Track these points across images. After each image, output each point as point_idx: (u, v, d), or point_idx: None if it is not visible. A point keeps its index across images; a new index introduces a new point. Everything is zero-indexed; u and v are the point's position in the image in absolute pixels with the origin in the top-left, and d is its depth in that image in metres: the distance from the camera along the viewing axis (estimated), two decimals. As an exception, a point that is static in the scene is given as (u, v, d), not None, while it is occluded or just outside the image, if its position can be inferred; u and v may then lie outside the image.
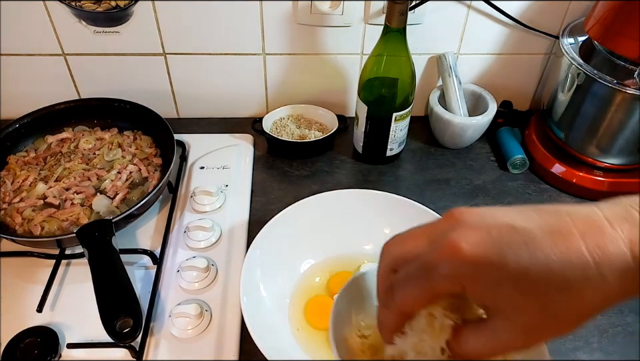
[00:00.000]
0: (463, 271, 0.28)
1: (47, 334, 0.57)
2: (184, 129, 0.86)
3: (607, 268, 0.26)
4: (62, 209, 0.67)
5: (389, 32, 0.67)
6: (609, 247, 0.26)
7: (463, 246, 0.28)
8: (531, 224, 0.28)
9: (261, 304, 0.58)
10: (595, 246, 0.27)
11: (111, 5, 0.74)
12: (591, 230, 0.27)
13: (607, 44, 0.68)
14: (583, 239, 0.27)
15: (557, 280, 0.27)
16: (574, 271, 0.26)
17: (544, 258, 0.27)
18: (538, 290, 0.27)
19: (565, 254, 0.27)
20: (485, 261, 0.27)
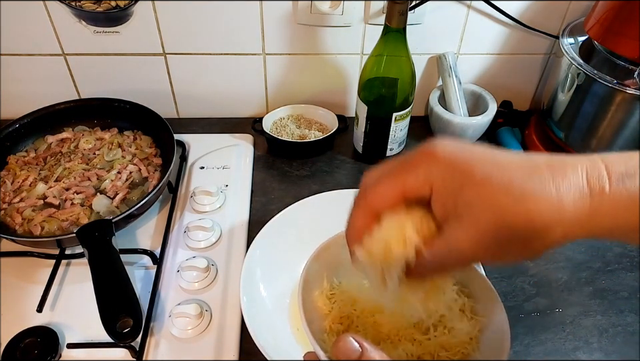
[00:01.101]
0: (435, 170, 0.31)
1: (47, 334, 0.57)
2: (184, 129, 0.86)
3: (563, 187, 0.28)
4: (62, 209, 0.67)
5: (388, 32, 0.67)
6: (568, 171, 0.29)
7: (438, 150, 0.31)
8: (504, 153, 0.31)
9: (260, 304, 0.58)
10: (557, 175, 0.29)
11: (110, 5, 0.74)
12: (556, 163, 0.29)
13: (606, 44, 0.68)
14: (547, 168, 0.29)
15: (516, 191, 0.28)
16: (533, 184, 0.28)
17: (507, 172, 0.29)
18: (497, 197, 0.28)
19: (526, 170, 0.29)
20: (455, 165, 0.30)
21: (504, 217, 0.28)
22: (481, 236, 0.29)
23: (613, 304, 0.64)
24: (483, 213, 0.29)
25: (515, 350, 0.59)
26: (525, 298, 0.64)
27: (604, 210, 0.28)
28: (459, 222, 0.30)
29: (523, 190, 0.28)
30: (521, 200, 0.28)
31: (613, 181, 0.28)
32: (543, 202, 0.28)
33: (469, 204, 0.29)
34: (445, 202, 0.31)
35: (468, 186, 0.29)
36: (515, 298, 0.64)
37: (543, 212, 0.28)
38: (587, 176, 0.29)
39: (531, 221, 0.28)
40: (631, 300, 0.64)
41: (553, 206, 0.28)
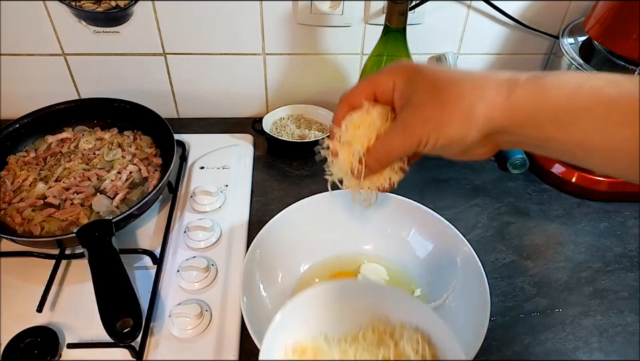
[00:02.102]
0: (397, 70, 0.41)
1: (47, 334, 0.57)
2: (184, 129, 0.86)
3: (490, 79, 0.36)
4: (62, 209, 0.67)
5: (388, 32, 0.67)
6: (498, 73, 0.37)
7: (401, 62, 0.42)
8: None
9: (261, 304, 0.58)
10: (490, 72, 0.37)
11: (110, 5, 0.74)
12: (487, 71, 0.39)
13: (606, 44, 0.68)
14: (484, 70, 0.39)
15: (452, 77, 0.38)
16: (467, 75, 0.38)
17: (450, 71, 0.40)
18: (438, 81, 0.38)
19: (463, 71, 0.39)
20: (412, 67, 0.40)
21: (440, 96, 0.37)
22: (425, 114, 0.38)
23: (612, 304, 0.64)
24: (425, 94, 0.37)
25: (514, 349, 0.59)
26: (525, 298, 0.64)
27: (517, 95, 0.35)
28: (410, 105, 0.39)
29: (457, 78, 0.37)
30: (454, 82, 0.37)
31: (525, 78, 0.35)
32: (470, 84, 0.36)
33: (416, 88, 0.38)
34: (401, 92, 0.40)
35: (417, 77, 0.39)
36: (515, 298, 0.64)
37: (469, 92, 0.36)
38: (509, 75, 0.36)
39: (461, 97, 0.36)
40: (630, 300, 0.64)
41: (478, 88, 0.36)
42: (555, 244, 0.71)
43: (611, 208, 0.76)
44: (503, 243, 0.71)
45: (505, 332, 0.61)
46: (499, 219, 0.74)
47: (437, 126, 0.37)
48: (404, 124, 0.39)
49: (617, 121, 0.31)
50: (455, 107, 0.36)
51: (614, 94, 0.32)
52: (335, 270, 0.64)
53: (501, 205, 0.76)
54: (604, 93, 0.32)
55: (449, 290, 0.60)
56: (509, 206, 0.76)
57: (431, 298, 0.61)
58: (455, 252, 0.61)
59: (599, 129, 0.32)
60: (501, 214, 0.75)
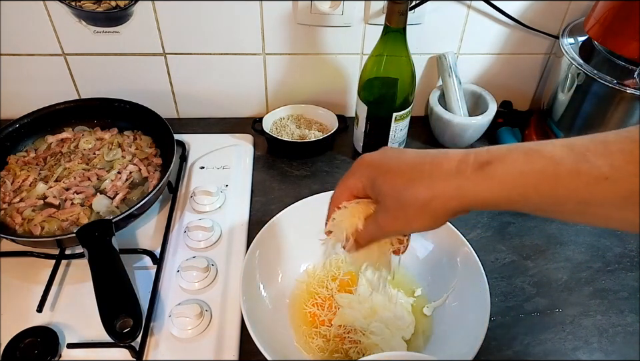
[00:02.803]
0: (363, 170, 0.44)
1: (47, 334, 0.57)
2: (184, 129, 0.86)
3: (437, 173, 0.39)
4: (62, 209, 0.67)
5: (388, 32, 0.67)
6: (444, 162, 0.39)
7: (364, 158, 0.44)
8: (410, 151, 0.42)
9: (261, 304, 0.58)
10: (436, 161, 0.39)
11: (110, 5, 0.74)
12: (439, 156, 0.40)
13: (606, 44, 0.68)
14: (431, 157, 0.40)
15: (407, 176, 0.40)
16: (418, 173, 0.39)
17: (403, 165, 0.41)
18: (395, 183, 0.40)
19: (416, 164, 0.40)
20: (372, 165, 0.43)
21: (401, 198, 0.40)
22: (392, 214, 0.41)
23: (612, 304, 0.64)
24: (389, 197, 0.41)
25: (514, 349, 0.59)
26: (525, 298, 0.64)
27: (468, 188, 0.37)
28: (380, 205, 0.42)
29: (412, 178, 0.39)
30: (410, 183, 0.39)
31: (474, 167, 0.37)
32: (422, 183, 0.39)
33: (381, 191, 0.41)
34: (371, 192, 0.43)
35: (380, 178, 0.42)
36: (515, 298, 0.64)
37: (423, 192, 0.39)
38: (457, 164, 0.38)
39: (417, 198, 0.39)
40: (630, 300, 0.64)
41: (430, 187, 0.39)
42: (555, 244, 0.71)
43: (610, 208, 0.76)
44: (503, 243, 0.71)
45: (505, 332, 0.61)
46: (499, 219, 0.74)
47: (405, 224, 0.41)
48: (378, 223, 0.43)
49: (562, 194, 0.34)
50: (414, 208, 0.39)
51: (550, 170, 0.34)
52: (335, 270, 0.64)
53: (500, 205, 0.76)
54: (551, 174, 0.34)
55: (449, 290, 0.60)
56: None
57: (431, 298, 0.62)
58: (454, 252, 0.61)
59: (550, 203, 0.35)
60: (501, 214, 0.75)
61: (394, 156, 0.43)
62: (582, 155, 0.33)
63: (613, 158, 0.32)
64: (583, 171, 0.33)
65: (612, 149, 0.32)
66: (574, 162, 0.33)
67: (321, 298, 0.61)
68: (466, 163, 0.38)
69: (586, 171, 0.33)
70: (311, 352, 0.57)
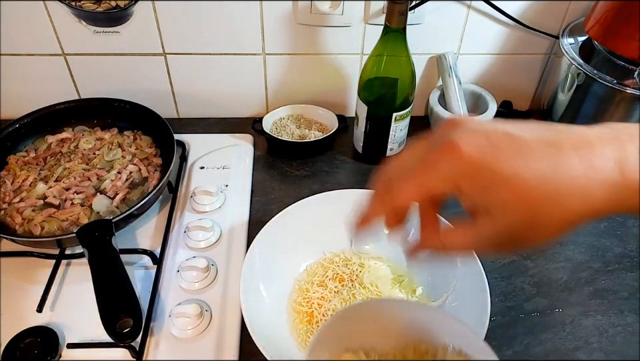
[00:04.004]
0: (460, 170, 0.30)
1: (47, 334, 0.57)
2: (184, 129, 0.86)
3: (594, 181, 0.28)
4: (62, 209, 0.67)
5: (388, 32, 0.67)
6: (598, 162, 0.28)
7: (462, 147, 0.29)
8: (527, 134, 0.29)
9: (261, 304, 0.58)
10: (585, 160, 0.28)
11: (110, 5, 0.74)
12: (582, 145, 0.29)
13: (606, 44, 0.68)
14: (574, 152, 0.28)
15: (547, 188, 0.28)
16: (564, 182, 0.28)
17: (537, 167, 0.28)
18: (529, 194, 0.28)
19: (556, 166, 0.28)
20: (482, 163, 0.29)
21: (537, 214, 0.29)
22: (513, 232, 0.30)
23: (612, 304, 0.64)
24: (515, 211, 0.29)
25: (514, 349, 0.59)
26: (525, 298, 0.64)
27: (631, 193, 0.28)
28: (490, 217, 0.30)
29: (557, 187, 0.28)
30: (555, 195, 0.28)
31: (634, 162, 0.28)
32: (574, 195, 0.28)
33: (500, 204, 0.29)
34: (473, 200, 0.31)
35: (497, 185, 0.29)
36: (515, 298, 0.64)
37: (575, 206, 0.28)
38: (618, 164, 0.28)
39: (566, 217, 0.29)
40: (630, 300, 0.64)
41: (585, 199, 0.28)
42: (555, 244, 0.71)
43: (611, 208, 0.76)
44: (503, 243, 0.71)
45: (505, 332, 0.61)
46: (499, 219, 0.74)
47: (531, 243, 0.31)
48: (484, 236, 0.31)
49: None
50: (554, 226, 0.29)
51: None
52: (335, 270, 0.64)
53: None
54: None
55: (449, 290, 0.60)
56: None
57: (431, 298, 0.62)
58: (455, 252, 0.61)
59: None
60: (501, 214, 0.75)
61: (507, 146, 0.29)
62: None
63: None
64: None
65: None
66: None
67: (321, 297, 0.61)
68: (626, 159, 0.28)
69: None
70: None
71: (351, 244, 0.43)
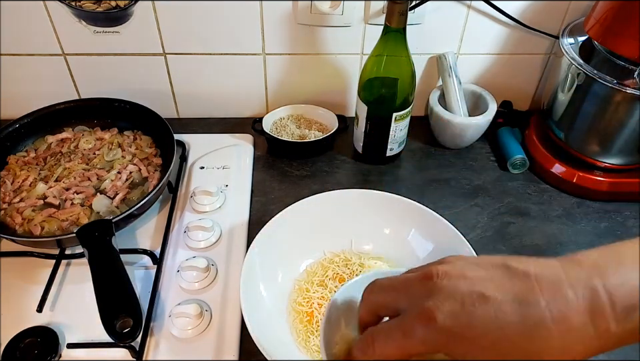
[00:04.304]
0: (436, 338, 0.30)
1: (47, 334, 0.57)
2: (184, 129, 0.86)
3: (569, 337, 0.28)
4: (62, 209, 0.67)
5: (388, 32, 0.67)
6: (573, 318, 0.28)
7: (437, 316, 0.30)
8: (502, 293, 0.30)
9: (261, 304, 0.58)
10: (559, 317, 0.28)
11: (110, 5, 0.74)
12: (555, 297, 0.29)
13: (606, 44, 0.68)
14: (548, 308, 0.29)
15: (522, 349, 0.29)
16: (539, 342, 0.29)
17: (512, 330, 0.29)
18: (505, 357, 0.29)
19: (531, 327, 0.29)
20: (457, 331, 0.30)
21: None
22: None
23: (613, 304, 0.64)
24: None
25: (515, 350, 0.59)
26: (525, 298, 0.64)
27: (610, 343, 0.29)
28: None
29: (530, 348, 0.29)
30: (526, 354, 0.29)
31: (619, 316, 0.28)
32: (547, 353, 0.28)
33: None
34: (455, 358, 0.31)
35: (474, 350, 0.30)
36: (515, 298, 0.64)
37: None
38: (590, 316, 0.28)
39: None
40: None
41: (563, 352, 0.29)
42: (555, 244, 0.71)
43: (610, 208, 0.76)
44: (503, 243, 0.71)
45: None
46: (499, 219, 0.74)
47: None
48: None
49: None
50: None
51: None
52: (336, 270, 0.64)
53: (500, 205, 0.76)
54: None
55: (449, 290, 0.60)
56: (509, 206, 0.76)
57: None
58: (455, 252, 0.61)
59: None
60: (501, 214, 0.75)
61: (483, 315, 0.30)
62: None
63: None
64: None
65: None
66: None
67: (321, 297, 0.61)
68: (602, 312, 0.28)
69: None
70: (311, 352, 0.57)
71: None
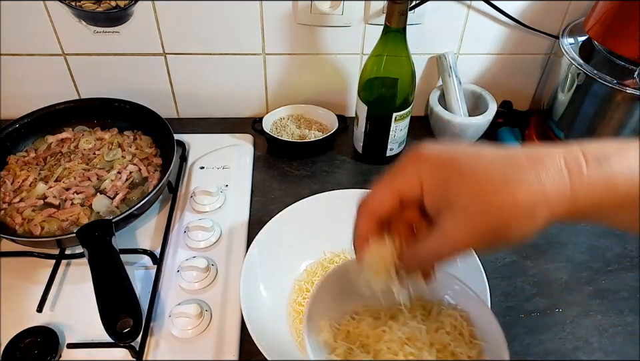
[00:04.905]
0: (423, 166, 0.34)
1: (47, 334, 0.57)
2: (184, 129, 0.86)
3: (543, 172, 0.30)
4: (62, 209, 0.67)
5: (388, 32, 0.67)
6: (546, 159, 0.31)
7: (423, 151, 0.34)
8: (484, 149, 0.34)
9: (261, 304, 0.58)
10: (533, 159, 0.31)
11: (110, 5, 0.74)
12: (532, 153, 0.32)
13: (606, 44, 0.68)
14: (524, 152, 0.32)
15: (499, 178, 0.31)
16: (514, 172, 0.31)
17: (490, 163, 0.32)
18: (483, 185, 0.31)
19: (507, 160, 0.32)
20: (440, 161, 0.33)
21: (491, 202, 0.31)
22: (472, 223, 0.32)
23: (613, 304, 0.64)
24: (471, 201, 0.31)
25: (514, 350, 0.59)
26: (525, 298, 0.64)
27: (583, 189, 0.30)
28: (450, 212, 0.32)
29: (506, 177, 0.31)
30: (505, 185, 0.30)
31: (589, 162, 0.30)
32: (525, 185, 0.30)
33: (457, 194, 0.32)
34: (436, 196, 0.34)
35: (454, 177, 0.32)
36: (515, 298, 0.64)
37: (526, 194, 0.30)
38: (564, 161, 0.31)
39: (516, 203, 0.30)
40: (630, 300, 0.64)
41: (535, 188, 0.30)
42: (555, 244, 0.71)
43: (611, 208, 0.76)
44: (503, 243, 0.71)
45: (505, 332, 0.60)
46: (499, 219, 0.74)
47: (490, 238, 0.32)
48: (448, 235, 0.33)
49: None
50: (511, 215, 0.30)
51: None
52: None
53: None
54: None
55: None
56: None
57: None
58: (454, 252, 0.61)
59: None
60: (501, 214, 0.75)
61: (468, 151, 0.33)
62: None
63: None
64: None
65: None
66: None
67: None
68: (575, 158, 0.31)
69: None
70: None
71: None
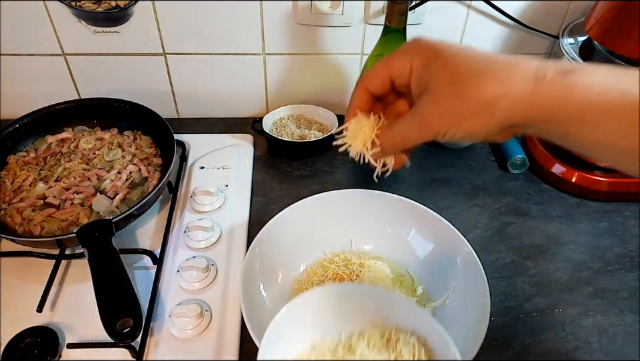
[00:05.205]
0: (415, 53, 0.39)
1: (47, 334, 0.57)
2: (184, 129, 0.86)
3: (514, 72, 0.35)
4: (62, 209, 0.67)
5: (388, 32, 0.67)
6: (521, 63, 0.35)
7: (422, 40, 0.39)
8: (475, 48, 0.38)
9: (261, 304, 0.58)
10: (511, 61, 0.35)
11: (110, 5, 0.74)
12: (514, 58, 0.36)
13: (606, 44, 0.68)
14: (505, 58, 0.36)
15: (473, 68, 0.36)
16: (489, 65, 0.35)
17: (471, 57, 0.37)
18: (458, 70, 0.36)
19: (488, 58, 0.36)
20: (432, 47, 0.38)
21: (459, 90, 0.35)
22: (441, 107, 0.37)
23: (612, 304, 0.64)
24: (443, 85, 0.36)
25: (514, 349, 0.59)
26: (525, 298, 0.64)
27: (543, 93, 0.34)
28: (426, 95, 0.37)
29: (480, 71, 0.35)
30: (477, 77, 0.35)
31: (557, 73, 0.34)
32: (494, 80, 0.35)
33: (435, 78, 0.37)
34: (418, 79, 0.38)
35: (437, 63, 0.37)
36: (515, 298, 0.64)
37: (491, 88, 0.35)
38: (535, 69, 0.34)
39: (480, 94, 0.35)
40: (630, 300, 0.64)
41: (501, 82, 0.34)
42: (555, 244, 0.71)
43: (610, 208, 0.76)
44: (503, 243, 0.71)
45: (505, 332, 0.61)
46: (499, 219, 0.74)
47: (456, 121, 0.36)
48: (422, 116, 0.38)
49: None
50: (475, 102, 0.35)
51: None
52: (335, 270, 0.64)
53: (501, 205, 0.76)
54: (633, 95, 0.32)
55: (449, 290, 0.60)
56: (509, 206, 0.76)
57: (431, 298, 0.62)
58: (454, 252, 0.61)
59: (623, 132, 0.32)
60: (501, 214, 0.75)
61: (458, 46, 0.37)
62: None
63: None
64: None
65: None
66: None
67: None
68: (545, 68, 0.34)
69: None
70: (311, 352, 0.57)
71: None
